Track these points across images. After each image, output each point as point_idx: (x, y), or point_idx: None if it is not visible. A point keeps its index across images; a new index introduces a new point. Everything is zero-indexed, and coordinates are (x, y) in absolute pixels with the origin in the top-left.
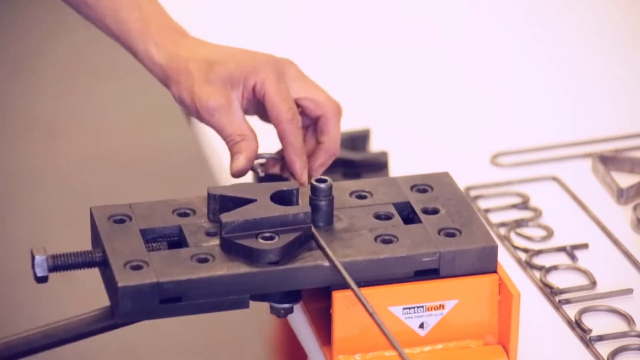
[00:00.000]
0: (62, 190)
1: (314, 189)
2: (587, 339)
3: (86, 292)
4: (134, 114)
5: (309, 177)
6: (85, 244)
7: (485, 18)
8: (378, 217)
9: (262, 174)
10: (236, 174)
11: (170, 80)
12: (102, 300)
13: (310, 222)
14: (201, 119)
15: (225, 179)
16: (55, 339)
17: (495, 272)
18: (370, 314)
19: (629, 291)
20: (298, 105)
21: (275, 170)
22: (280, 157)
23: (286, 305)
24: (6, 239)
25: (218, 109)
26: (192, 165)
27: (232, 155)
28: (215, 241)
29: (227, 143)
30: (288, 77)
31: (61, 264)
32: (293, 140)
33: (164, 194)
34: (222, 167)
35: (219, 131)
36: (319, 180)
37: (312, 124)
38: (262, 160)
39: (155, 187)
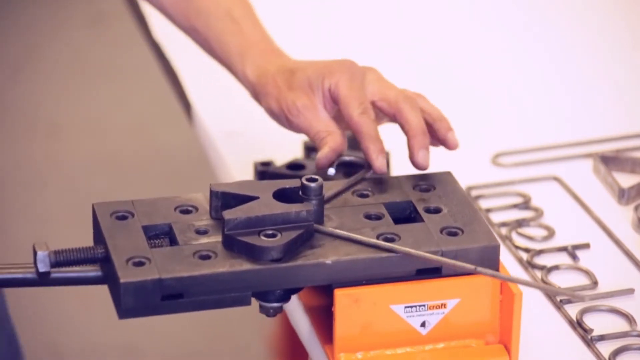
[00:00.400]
0: (63, 190)
1: (304, 187)
2: (589, 338)
3: (87, 289)
4: (135, 114)
5: (417, 163)
6: (87, 244)
7: (486, 18)
8: (368, 217)
9: (331, 173)
10: (319, 162)
11: (260, 95)
12: (103, 297)
13: (313, 220)
14: (290, 123)
15: (225, 179)
16: None
17: (497, 271)
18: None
19: (630, 291)
20: (375, 108)
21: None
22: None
23: (275, 305)
24: (7, 238)
25: (303, 109)
26: (192, 164)
27: (320, 149)
28: (206, 239)
29: (314, 140)
30: (366, 80)
31: (63, 259)
32: (365, 129)
33: (164, 193)
34: (222, 167)
35: (307, 130)
36: (310, 180)
37: (393, 121)
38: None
39: (156, 187)
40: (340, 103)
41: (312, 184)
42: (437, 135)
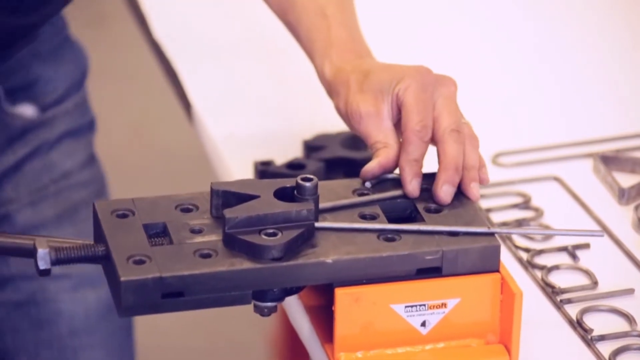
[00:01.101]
0: None
1: (299, 187)
2: (589, 338)
3: None
4: (135, 114)
5: (437, 196)
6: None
7: (485, 18)
8: (363, 217)
9: (368, 186)
10: (363, 174)
11: (332, 94)
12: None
13: (314, 219)
14: (352, 126)
15: (226, 178)
16: None
17: (497, 271)
18: None
19: (631, 291)
20: None
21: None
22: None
23: (270, 304)
24: None
25: (366, 116)
26: (193, 164)
27: (373, 158)
28: (200, 238)
29: (370, 149)
30: (436, 94)
31: (64, 257)
32: (411, 149)
33: (165, 192)
34: (223, 167)
35: (366, 137)
36: (305, 179)
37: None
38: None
39: (156, 186)
40: (403, 110)
41: (307, 184)
42: (462, 181)
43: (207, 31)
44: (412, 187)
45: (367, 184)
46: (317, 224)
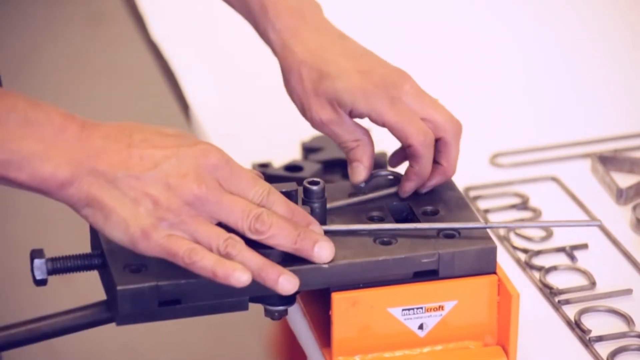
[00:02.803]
0: None
1: (306, 191)
2: (587, 339)
3: (85, 294)
4: (133, 114)
5: (402, 187)
6: (85, 246)
7: (485, 18)
8: (371, 218)
9: (362, 185)
10: (355, 182)
11: (285, 75)
12: (101, 299)
13: (321, 222)
14: (313, 126)
15: None
16: (42, 334)
17: (494, 273)
18: None
19: (629, 291)
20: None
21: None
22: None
23: (280, 308)
24: (6, 239)
25: (328, 123)
26: None
27: (352, 163)
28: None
29: (343, 149)
30: (404, 95)
31: (60, 267)
32: (422, 163)
33: None
34: None
35: (334, 139)
36: (312, 183)
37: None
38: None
39: None
40: (392, 131)
41: (314, 187)
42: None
43: (205, 31)
44: (409, 188)
45: (362, 185)
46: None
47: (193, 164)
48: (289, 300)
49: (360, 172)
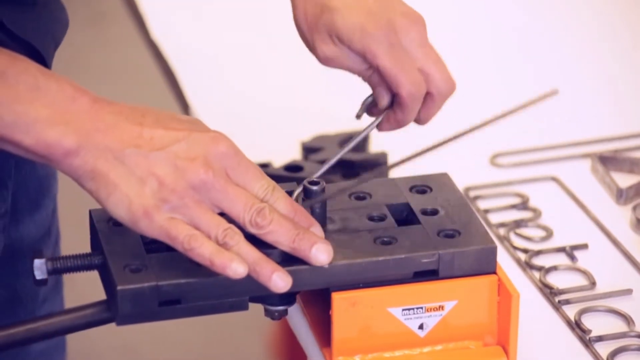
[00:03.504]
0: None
1: (306, 191)
2: (587, 339)
3: (85, 294)
4: None
5: (381, 126)
6: (85, 246)
7: (484, 17)
8: (371, 218)
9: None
10: (384, 108)
11: (293, 12)
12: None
13: (322, 222)
14: (321, 62)
15: None
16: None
17: (494, 272)
18: None
19: (629, 291)
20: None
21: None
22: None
23: (280, 308)
24: None
25: (334, 58)
26: None
27: (375, 89)
28: None
29: (362, 78)
30: (406, 41)
31: (60, 267)
32: (405, 113)
33: None
34: None
35: (348, 71)
36: (312, 183)
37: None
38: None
39: None
40: (386, 77)
41: (315, 187)
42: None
43: (205, 32)
44: (386, 130)
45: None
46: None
47: (203, 149)
48: (289, 300)
49: (383, 96)
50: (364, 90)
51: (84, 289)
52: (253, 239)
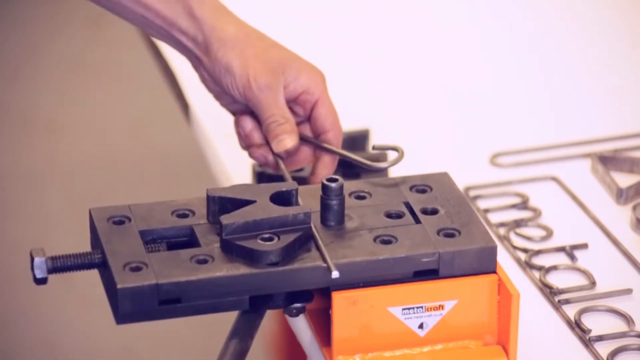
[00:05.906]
0: (61, 190)
1: (325, 188)
2: (587, 339)
3: (86, 293)
4: (133, 114)
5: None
6: (85, 244)
7: (484, 17)
8: (389, 215)
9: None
10: (281, 153)
11: (222, 46)
12: (101, 301)
13: (310, 223)
14: (247, 91)
15: (223, 179)
16: None
17: (494, 272)
18: None
19: (629, 291)
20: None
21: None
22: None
23: (299, 305)
24: (6, 239)
25: (266, 88)
26: (190, 165)
27: (275, 137)
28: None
29: (269, 124)
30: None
31: (60, 265)
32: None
33: (163, 194)
34: (220, 168)
35: (265, 108)
36: (330, 180)
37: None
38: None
39: (154, 187)
40: (318, 117)
41: (333, 184)
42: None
43: None
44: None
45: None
46: (313, 229)
47: None
48: (309, 297)
49: (286, 141)
50: (364, 91)
51: (84, 289)
52: (255, 233)
